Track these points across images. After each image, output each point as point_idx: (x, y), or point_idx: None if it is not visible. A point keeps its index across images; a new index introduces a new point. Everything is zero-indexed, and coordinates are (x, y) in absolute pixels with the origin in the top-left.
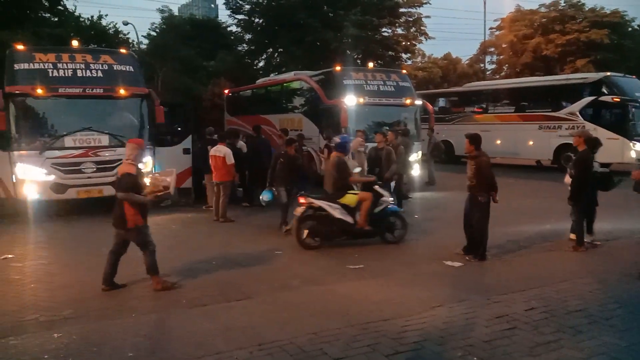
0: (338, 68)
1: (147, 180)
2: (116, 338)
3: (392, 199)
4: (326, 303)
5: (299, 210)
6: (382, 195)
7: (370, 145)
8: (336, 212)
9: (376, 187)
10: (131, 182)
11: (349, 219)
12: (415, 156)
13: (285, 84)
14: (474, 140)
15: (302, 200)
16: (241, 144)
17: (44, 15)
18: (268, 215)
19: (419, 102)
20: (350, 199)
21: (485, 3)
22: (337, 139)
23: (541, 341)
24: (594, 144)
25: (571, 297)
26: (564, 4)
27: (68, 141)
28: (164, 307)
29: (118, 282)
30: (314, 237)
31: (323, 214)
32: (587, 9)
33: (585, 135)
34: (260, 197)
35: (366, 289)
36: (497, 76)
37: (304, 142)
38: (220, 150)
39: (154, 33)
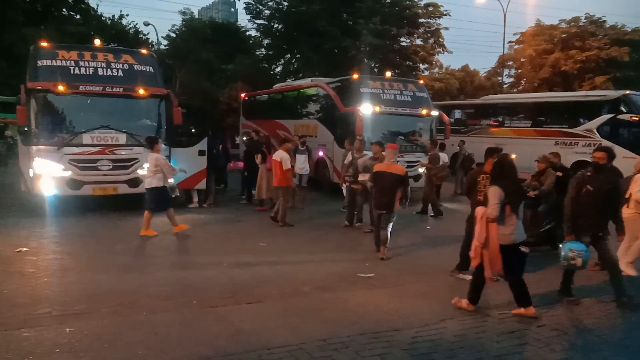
0: (355, 76)
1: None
2: (127, 335)
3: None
4: (337, 310)
5: None
6: None
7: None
8: None
9: None
10: (407, 179)
11: None
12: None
13: (301, 90)
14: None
15: None
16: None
17: (68, 12)
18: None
19: (435, 112)
20: None
21: (505, 17)
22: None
23: (551, 358)
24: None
25: (584, 316)
26: (585, 20)
27: (86, 138)
28: (175, 307)
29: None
30: None
31: None
32: (608, 25)
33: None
34: (568, 257)
35: (377, 298)
36: (515, 90)
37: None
38: (277, 155)
39: (173, 34)
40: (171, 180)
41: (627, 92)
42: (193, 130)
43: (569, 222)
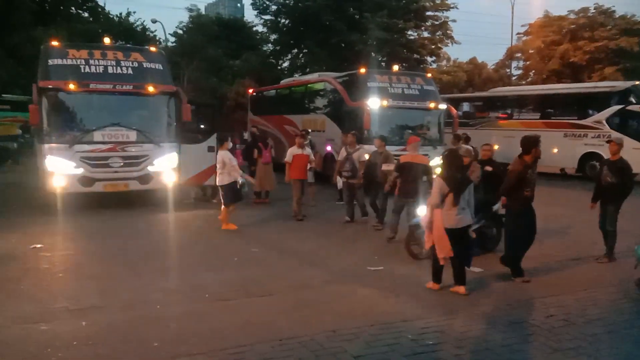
0: (362, 70)
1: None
2: (141, 328)
3: None
4: (346, 303)
5: None
6: None
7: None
8: None
9: None
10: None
11: None
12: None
13: (309, 85)
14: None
15: None
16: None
17: (76, 11)
18: (287, 213)
19: (443, 106)
20: None
21: (513, 8)
22: None
23: (559, 348)
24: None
25: (591, 306)
26: (594, 11)
27: (97, 136)
28: (187, 301)
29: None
30: None
31: None
32: (617, 15)
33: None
34: None
35: (386, 291)
36: (523, 82)
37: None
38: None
39: (180, 31)
40: (240, 178)
41: (637, 82)
42: (202, 127)
43: None
